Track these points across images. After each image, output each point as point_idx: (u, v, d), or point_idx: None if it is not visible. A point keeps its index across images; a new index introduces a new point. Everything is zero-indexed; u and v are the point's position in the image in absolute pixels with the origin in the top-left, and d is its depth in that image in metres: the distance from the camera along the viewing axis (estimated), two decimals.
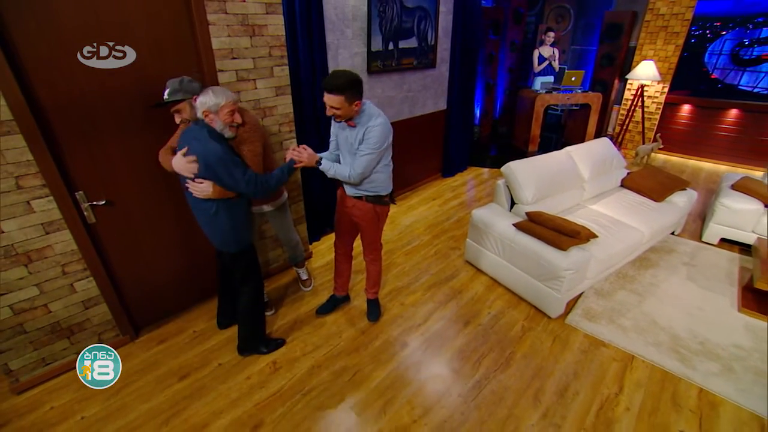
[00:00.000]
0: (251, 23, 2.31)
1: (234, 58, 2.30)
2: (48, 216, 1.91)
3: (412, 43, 3.72)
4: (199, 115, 1.76)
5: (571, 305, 2.69)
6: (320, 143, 3.13)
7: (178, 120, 1.92)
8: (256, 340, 2.27)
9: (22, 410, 1.99)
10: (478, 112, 5.71)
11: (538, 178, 2.95)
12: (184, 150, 1.74)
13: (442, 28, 4.05)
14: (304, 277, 2.88)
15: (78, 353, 2.18)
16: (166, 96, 1.83)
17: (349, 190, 2.15)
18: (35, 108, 1.75)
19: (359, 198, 2.15)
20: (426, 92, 4.20)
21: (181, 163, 1.73)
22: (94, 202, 2.02)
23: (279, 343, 2.35)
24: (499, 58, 5.48)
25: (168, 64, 2.08)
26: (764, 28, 4.79)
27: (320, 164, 2.02)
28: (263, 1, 2.33)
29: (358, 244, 2.46)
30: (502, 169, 2.99)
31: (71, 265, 2.05)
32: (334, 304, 2.65)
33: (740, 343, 2.37)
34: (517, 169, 2.92)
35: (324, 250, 3.38)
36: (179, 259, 2.50)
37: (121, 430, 1.88)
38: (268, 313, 2.58)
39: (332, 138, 2.21)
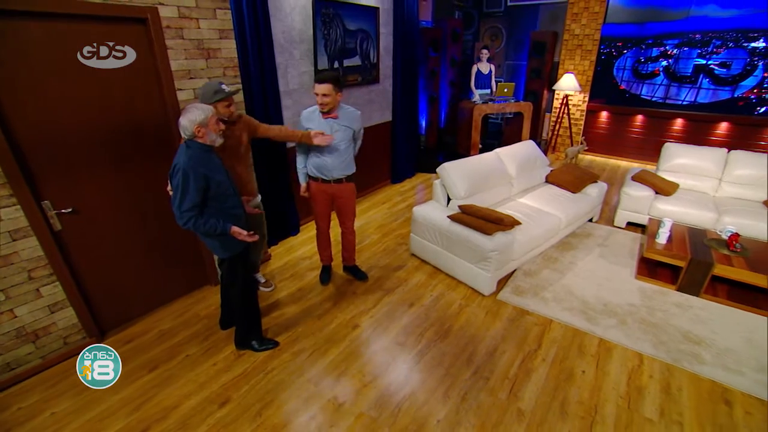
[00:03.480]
0: (206, 47, 2.59)
1: (191, 78, 2.56)
2: (15, 224, 2.05)
3: (355, 61, 4.12)
4: (188, 133, 1.90)
5: (503, 284, 3.11)
6: (274, 153, 3.42)
7: (234, 109, 2.33)
8: (250, 337, 2.44)
9: None
10: (423, 123, 6.20)
11: (469, 176, 3.39)
12: None
13: (384, 47, 4.50)
14: (263, 280, 3.09)
15: (43, 357, 2.33)
16: (230, 89, 2.26)
17: (335, 174, 2.68)
18: (3, 124, 1.92)
19: (340, 180, 2.72)
20: (372, 105, 4.60)
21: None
22: (61, 210, 2.19)
23: (273, 344, 2.47)
24: (440, 73, 6.02)
25: (130, 83, 2.30)
26: (654, 48, 5.71)
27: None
28: (217, 27, 2.62)
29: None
30: (438, 169, 3.41)
31: (37, 271, 2.19)
32: (329, 272, 3.19)
33: (633, 301, 2.88)
34: (451, 168, 3.35)
35: (282, 252, 3.63)
36: (144, 263, 2.67)
37: (94, 420, 2.03)
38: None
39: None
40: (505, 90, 5.82)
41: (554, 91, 6.66)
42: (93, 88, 2.17)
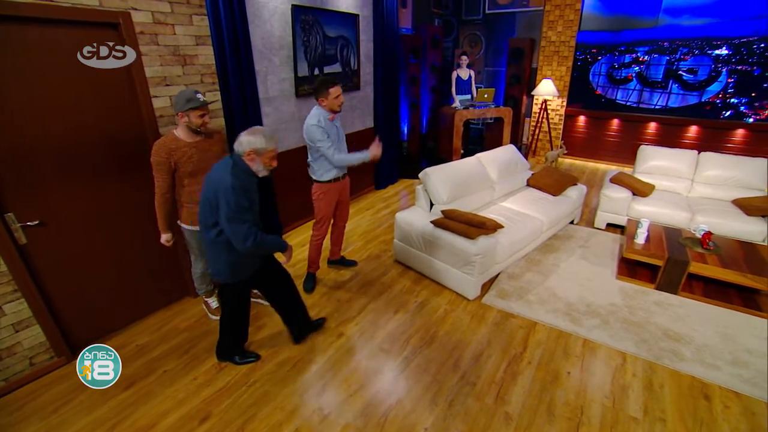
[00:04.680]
0: (182, 54, 2.53)
1: (167, 85, 2.50)
2: None
3: (336, 68, 4.12)
4: (240, 151, 1.85)
5: (487, 288, 3.11)
6: None
7: (208, 120, 2.24)
8: (232, 351, 2.38)
9: None
10: (405, 129, 6.22)
11: (451, 181, 3.40)
12: None
13: (364, 54, 4.51)
14: (216, 305, 2.82)
15: (6, 380, 2.20)
16: (205, 98, 2.17)
17: (341, 172, 2.86)
18: None
19: (344, 176, 2.92)
20: (353, 112, 4.60)
21: None
22: (26, 223, 2.08)
23: (254, 357, 2.40)
24: (421, 79, 6.06)
25: (101, 91, 2.23)
26: (626, 55, 5.92)
27: None
28: (193, 33, 2.57)
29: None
30: (420, 174, 3.41)
31: (0, 288, 2.07)
32: (315, 280, 3.21)
33: (615, 301, 2.93)
34: (433, 174, 3.36)
35: None
36: (119, 276, 2.56)
37: None
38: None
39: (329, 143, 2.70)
40: (486, 95, 5.90)
41: (533, 96, 6.80)
42: (61, 94, 2.09)
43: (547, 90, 6.29)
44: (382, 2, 4.49)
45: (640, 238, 3.15)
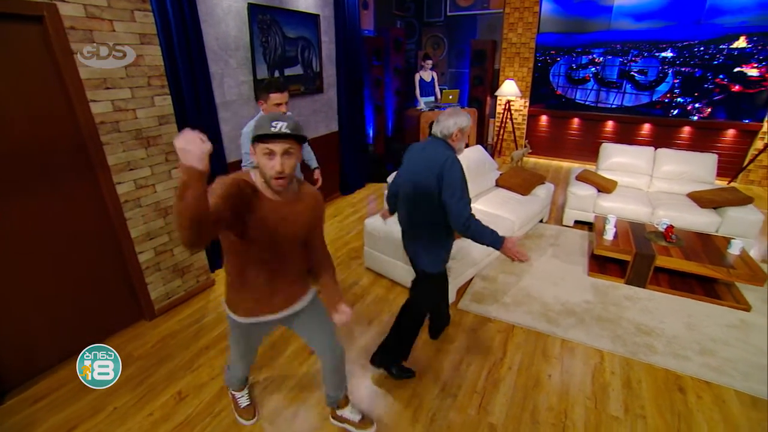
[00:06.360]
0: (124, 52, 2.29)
1: (108, 88, 2.25)
2: None
3: (297, 70, 3.95)
4: (446, 133, 1.86)
5: (462, 292, 3.05)
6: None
7: (287, 170, 1.27)
8: (393, 358, 2.23)
9: None
10: (371, 132, 6.12)
11: None
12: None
13: (326, 56, 4.37)
14: (357, 418, 1.93)
15: None
16: (280, 128, 1.22)
17: None
18: None
19: None
20: (317, 116, 4.44)
21: None
22: None
23: (410, 374, 2.27)
24: (385, 82, 5.99)
25: (25, 95, 1.96)
26: (583, 56, 6.15)
27: None
28: (136, 31, 2.33)
29: None
30: (388, 178, 3.30)
31: None
32: None
33: (588, 298, 2.95)
34: None
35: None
36: (59, 302, 2.27)
37: None
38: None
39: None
40: (450, 97, 5.91)
41: (497, 97, 6.90)
42: None
43: (510, 91, 6.40)
44: (344, 3, 4.37)
45: (609, 234, 3.21)
